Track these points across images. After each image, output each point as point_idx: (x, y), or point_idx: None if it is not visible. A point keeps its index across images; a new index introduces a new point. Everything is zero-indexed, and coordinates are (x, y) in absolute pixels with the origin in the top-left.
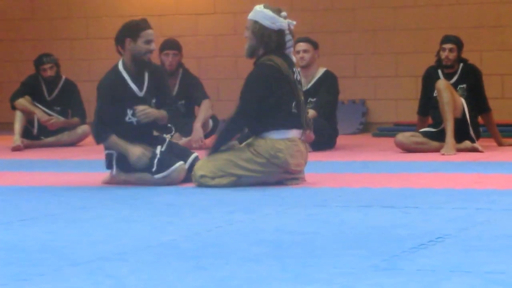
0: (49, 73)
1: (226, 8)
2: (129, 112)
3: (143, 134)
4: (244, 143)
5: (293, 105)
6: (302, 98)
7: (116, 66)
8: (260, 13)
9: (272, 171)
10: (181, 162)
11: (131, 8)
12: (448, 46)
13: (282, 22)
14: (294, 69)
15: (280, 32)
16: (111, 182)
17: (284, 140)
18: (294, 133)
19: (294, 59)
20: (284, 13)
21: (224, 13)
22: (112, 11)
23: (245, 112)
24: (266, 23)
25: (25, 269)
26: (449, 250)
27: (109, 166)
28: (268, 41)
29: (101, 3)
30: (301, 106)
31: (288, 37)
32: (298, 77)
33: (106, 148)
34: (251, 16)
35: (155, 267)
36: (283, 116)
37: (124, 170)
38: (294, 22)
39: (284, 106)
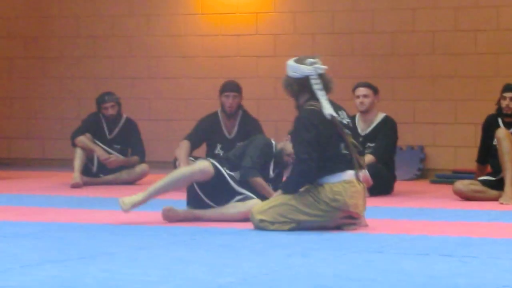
0: (111, 111)
1: (286, 51)
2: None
3: None
4: (303, 188)
5: (342, 146)
6: (351, 139)
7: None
8: (287, 66)
9: (333, 215)
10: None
11: (193, 49)
12: (509, 95)
13: (304, 69)
14: (340, 112)
15: (303, 79)
16: (169, 218)
17: (341, 182)
18: (349, 175)
19: (327, 104)
20: (309, 60)
21: (284, 56)
22: (173, 51)
23: (303, 159)
24: (290, 73)
25: None
26: None
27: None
28: (291, 89)
29: (163, 43)
30: (350, 147)
31: (316, 81)
32: (345, 120)
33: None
34: None
35: None
36: (334, 159)
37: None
38: (322, 67)
39: (333, 148)
